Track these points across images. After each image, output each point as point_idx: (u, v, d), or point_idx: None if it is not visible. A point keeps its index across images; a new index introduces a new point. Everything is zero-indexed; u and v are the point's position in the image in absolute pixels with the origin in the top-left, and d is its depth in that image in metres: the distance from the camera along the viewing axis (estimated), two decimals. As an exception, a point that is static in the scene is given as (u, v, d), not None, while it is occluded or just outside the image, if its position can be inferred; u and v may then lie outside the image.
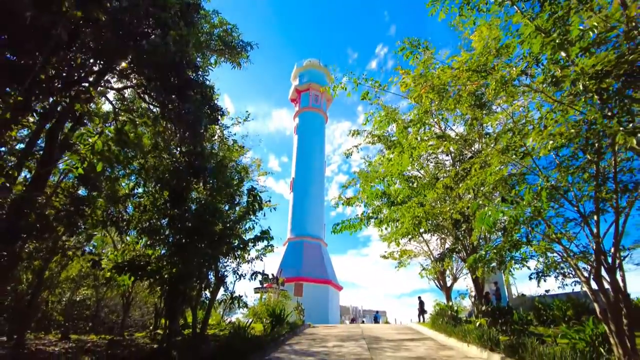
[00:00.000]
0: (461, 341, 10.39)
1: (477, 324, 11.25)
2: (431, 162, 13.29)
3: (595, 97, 4.82)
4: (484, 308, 12.03)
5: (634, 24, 4.84)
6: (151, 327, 17.47)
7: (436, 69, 8.12)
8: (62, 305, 16.89)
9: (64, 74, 4.94)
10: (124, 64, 6.07)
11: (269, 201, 12.69)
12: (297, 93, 48.88)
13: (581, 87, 4.72)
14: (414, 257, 18.28)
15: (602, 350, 7.11)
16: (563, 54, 5.10)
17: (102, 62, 5.80)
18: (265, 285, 17.82)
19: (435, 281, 17.94)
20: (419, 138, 8.87)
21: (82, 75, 5.47)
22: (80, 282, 16.33)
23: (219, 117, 7.94)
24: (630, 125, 4.29)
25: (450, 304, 16.03)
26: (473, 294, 16.23)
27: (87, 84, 6.58)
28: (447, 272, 17.88)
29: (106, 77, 7.97)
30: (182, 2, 7.42)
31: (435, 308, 15.89)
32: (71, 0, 4.11)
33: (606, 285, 6.89)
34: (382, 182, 11.01)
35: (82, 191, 9.98)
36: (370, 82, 9.02)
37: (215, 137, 11.67)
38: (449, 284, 17.81)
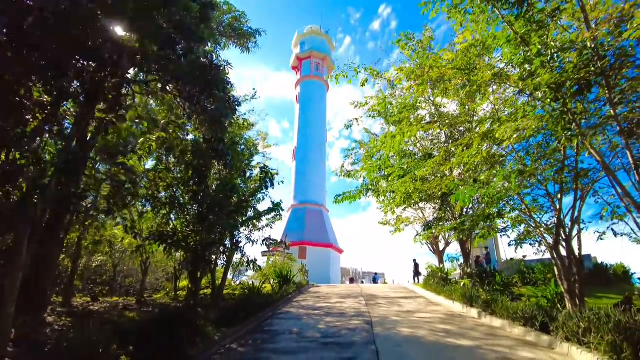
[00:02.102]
0: (448, 299, 11.89)
1: (462, 284, 12.74)
2: (426, 139, 14.35)
3: (553, 103, 5.89)
4: (469, 270, 13.51)
5: (589, 44, 5.79)
6: (167, 289, 19.19)
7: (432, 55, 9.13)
8: (79, 271, 18.38)
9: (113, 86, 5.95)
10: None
11: (277, 174, 13.87)
12: (299, 61, 48.79)
13: (540, 95, 5.78)
14: (409, 224, 19.61)
15: (559, 306, 8.52)
16: (527, 66, 6.10)
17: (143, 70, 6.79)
18: (271, 249, 19.37)
19: (429, 245, 19.39)
20: (411, 120, 9.96)
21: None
22: (94, 249, 17.65)
23: (236, 107, 8.99)
24: (570, 133, 5.38)
25: (441, 266, 17.58)
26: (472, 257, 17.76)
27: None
28: (440, 237, 19.29)
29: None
30: (201, 3, 8.31)
31: (427, 270, 17.46)
32: (134, 39, 5.09)
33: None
34: (380, 161, 12.16)
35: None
36: (369, 71, 10.04)
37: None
38: (441, 248, 19.28)
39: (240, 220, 10.45)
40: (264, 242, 12.38)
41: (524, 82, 6.02)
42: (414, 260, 24.71)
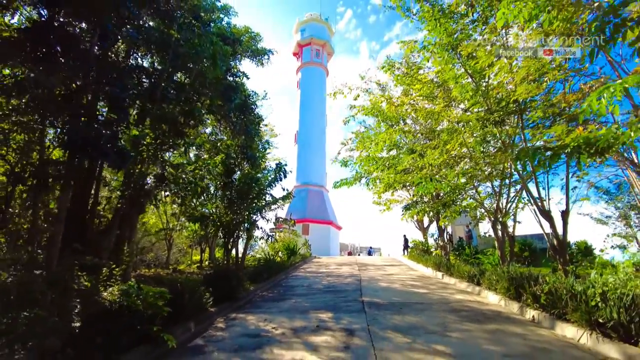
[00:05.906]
0: (425, 266, 15.01)
1: (434, 254, 15.88)
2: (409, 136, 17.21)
3: (481, 130, 8.76)
4: (441, 243, 16.63)
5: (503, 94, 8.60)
6: (188, 262, 22.40)
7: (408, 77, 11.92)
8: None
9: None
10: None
11: (286, 164, 16.73)
12: (299, 47, 50.76)
13: (471, 124, 8.63)
14: (398, 204, 22.53)
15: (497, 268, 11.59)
16: (466, 101, 8.93)
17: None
18: (277, 225, 22.48)
19: (415, 223, 22.40)
20: (391, 129, 12.85)
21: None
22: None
23: (260, 124, 11.79)
24: (483, 153, 8.27)
25: (424, 240, 20.74)
26: (446, 233, 20.85)
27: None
28: (425, 215, 22.23)
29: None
30: (231, 42, 11.05)
31: (412, 244, 20.60)
32: (206, 103, 7.97)
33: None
34: (369, 157, 15.06)
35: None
36: (359, 90, 12.83)
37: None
38: (425, 226, 22.31)
39: (260, 204, 13.45)
40: (276, 221, 15.42)
41: (459, 116, 8.86)
42: (404, 235, 27.88)
